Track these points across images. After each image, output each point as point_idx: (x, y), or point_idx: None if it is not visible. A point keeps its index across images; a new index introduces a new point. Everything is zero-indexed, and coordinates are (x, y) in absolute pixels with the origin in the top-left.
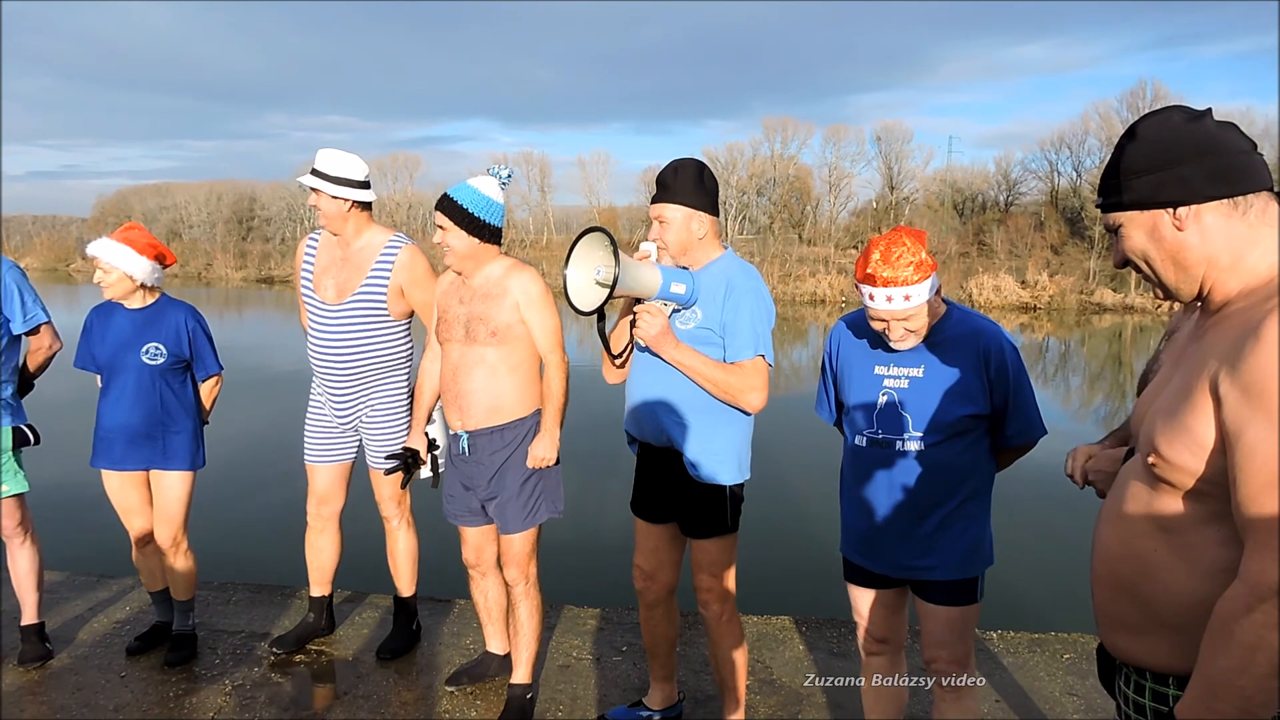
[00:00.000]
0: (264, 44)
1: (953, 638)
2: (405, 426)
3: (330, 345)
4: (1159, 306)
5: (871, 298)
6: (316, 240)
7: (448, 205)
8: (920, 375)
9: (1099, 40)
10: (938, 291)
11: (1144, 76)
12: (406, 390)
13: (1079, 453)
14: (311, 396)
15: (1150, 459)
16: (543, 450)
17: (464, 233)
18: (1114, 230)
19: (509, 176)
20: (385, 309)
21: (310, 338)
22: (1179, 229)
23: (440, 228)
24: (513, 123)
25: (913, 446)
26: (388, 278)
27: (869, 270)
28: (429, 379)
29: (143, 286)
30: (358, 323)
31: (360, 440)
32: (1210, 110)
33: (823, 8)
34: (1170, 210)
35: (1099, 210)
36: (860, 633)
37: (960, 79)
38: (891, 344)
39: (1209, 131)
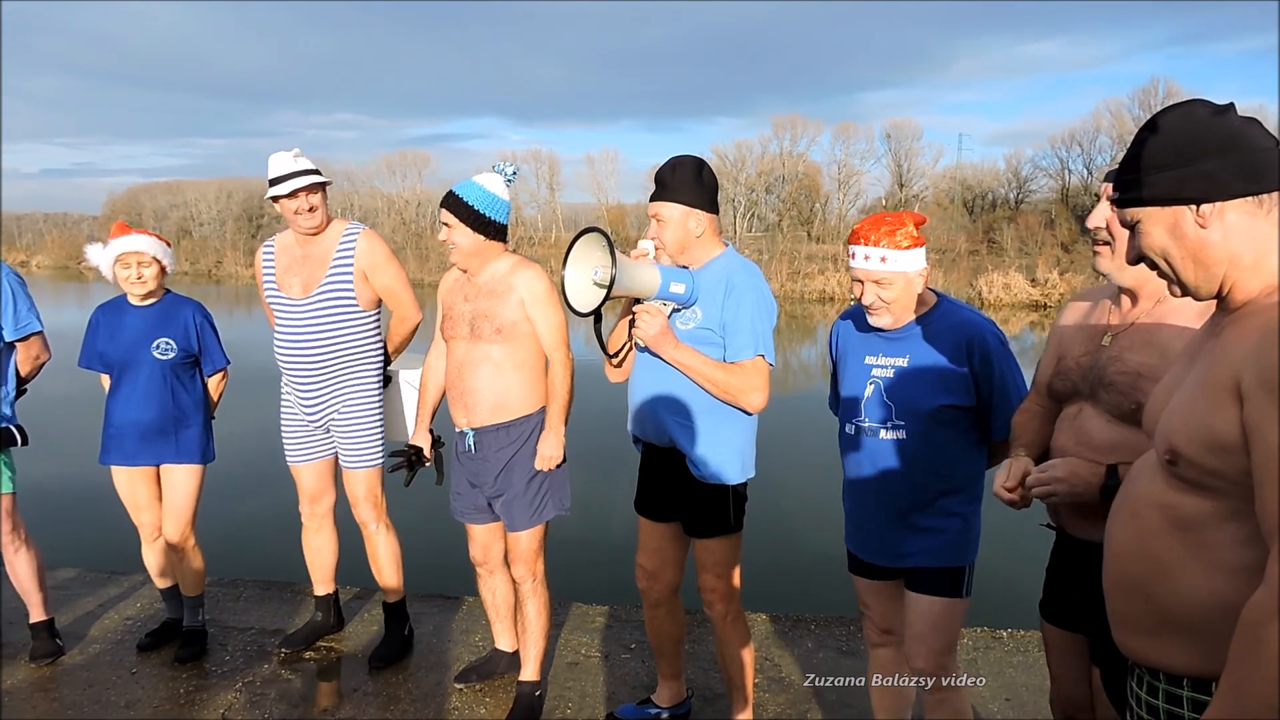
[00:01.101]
0: (274, 42)
1: (932, 632)
2: (378, 424)
3: (299, 340)
4: None
5: (852, 256)
6: (273, 246)
7: (453, 202)
8: (905, 365)
9: (1112, 38)
10: (924, 272)
11: (1156, 74)
12: (376, 387)
13: (1011, 473)
14: (282, 397)
15: (1168, 458)
16: (549, 449)
17: (469, 230)
18: (1130, 226)
19: (514, 173)
20: (353, 298)
21: (278, 336)
22: (1202, 226)
23: (445, 225)
24: (522, 120)
25: (894, 435)
26: (351, 265)
27: (855, 229)
28: (434, 376)
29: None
30: (327, 315)
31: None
32: (1233, 104)
33: (833, 6)
34: (1193, 207)
35: (1114, 205)
36: (865, 623)
37: (971, 76)
38: (867, 315)
39: (1234, 126)
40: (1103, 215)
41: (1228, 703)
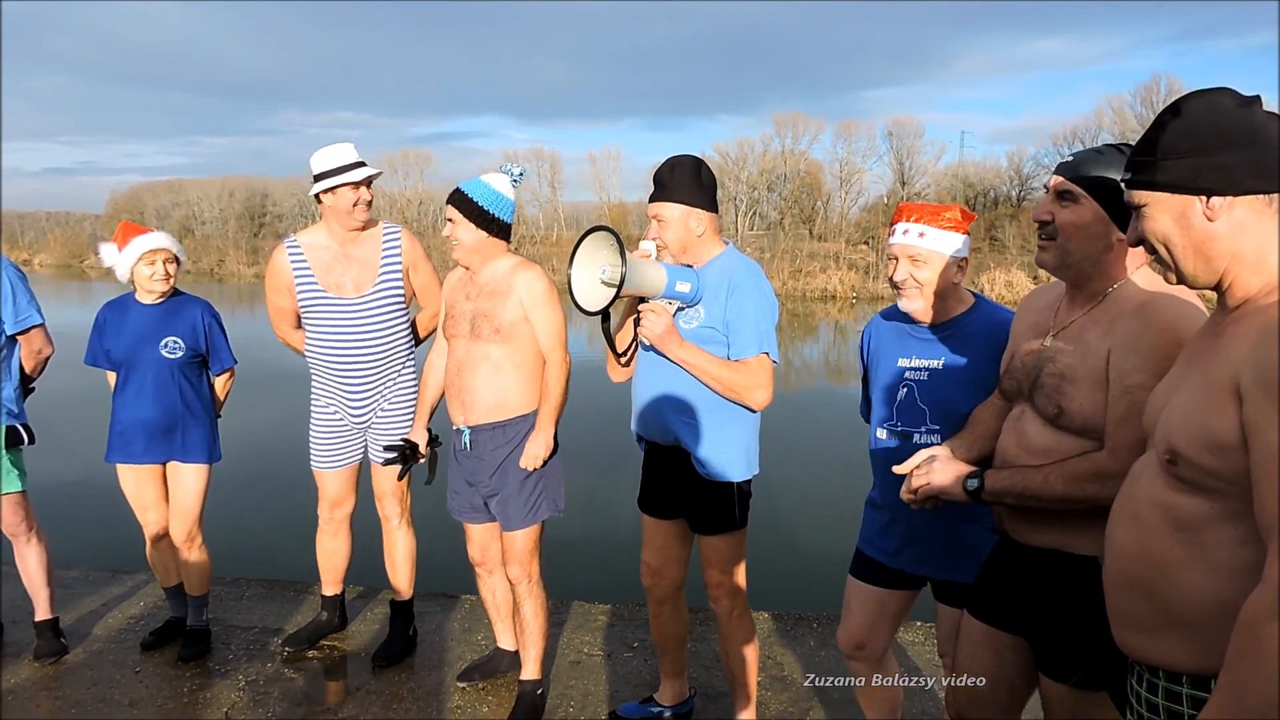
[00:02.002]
0: (278, 41)
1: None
2: (411, 419)
3: (353, 340)
4: None
5: (891, 233)
6: (299, 246)
7: (459, 199)
8: (939, 367)
9: (1115, 34)
10: (962, 265)
11: (1158, 70)
12: (415, 382)
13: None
14: (316, 402)
15: (1168, 458)
16: (536, 449)
17: (473, 226)
18: (1135, 207)
19: (521, 175)
20: (402, 295)
21: (324, 339)
22: (1210, 219)
23: (450, 220)
24: (525, 119)
25: (930, 439)
26: (399, 262)
27: (899, 207)
28: (434, 374)
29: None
30: (381, 312)
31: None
32: (1260, 97)
33: (837, 5)
34: (1203, 198)
35: (1123, 185)
36: (839, 631)
37: (974, 74)
38: (898, 297)
39: (1258, 121)
40: (1050, 209)
41: (1226, 700)
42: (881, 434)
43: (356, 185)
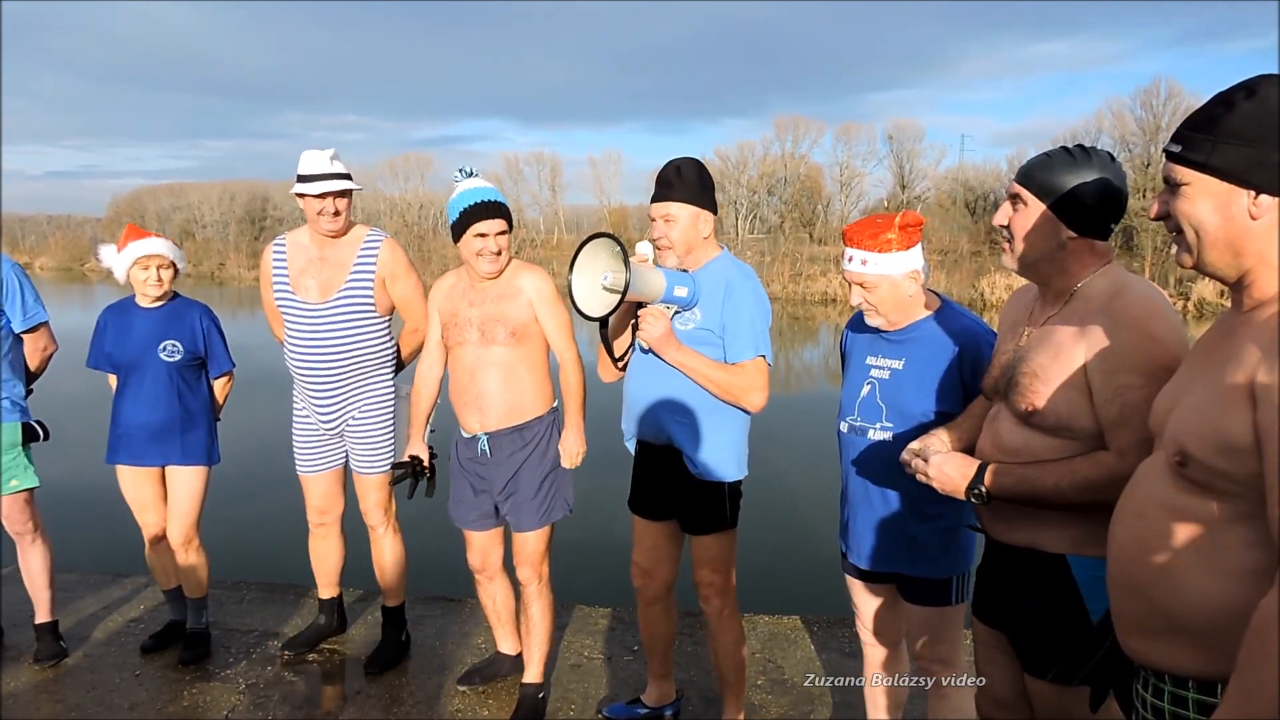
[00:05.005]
0: (283, 42)
1: (929, 637)
2: (390, 430)
3: (316, 346)
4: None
5: (843, 257)
6: (284, 246)
7: (505, 211)
8: (900, 367)
9: (1120, 37)
10: (914, 274)
11: (1158, 74)
12: (391, 393)
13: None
14: (295, 405)
15: (1178, 459)
16: (573, 445)
17: (509, 233)
18: (1173, 183)
19: (471, 171)
20: (372, 303)
21: (291, 342)
22: (1253, 216)
23: (500, 234)
24: (528, 122)
25: (882, 435)
26: (372, 271)
27: (844, 230)
28: (427, 385)
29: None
30: (344, 320)
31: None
32: None
33: (842, 6)
34: (1251, 193)
35: (1165, 156)
36: (857, 621)
37: (978, 76)
38: (863, 314)
39: None
40: (1006, 214)
41: (1237, 705)
42: (843, 427)
43: (320, 196)
